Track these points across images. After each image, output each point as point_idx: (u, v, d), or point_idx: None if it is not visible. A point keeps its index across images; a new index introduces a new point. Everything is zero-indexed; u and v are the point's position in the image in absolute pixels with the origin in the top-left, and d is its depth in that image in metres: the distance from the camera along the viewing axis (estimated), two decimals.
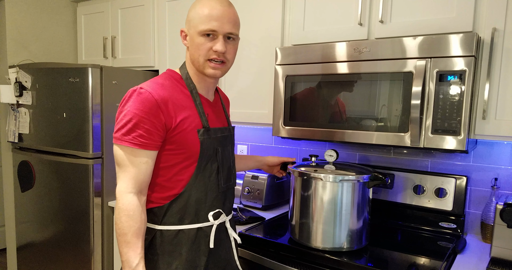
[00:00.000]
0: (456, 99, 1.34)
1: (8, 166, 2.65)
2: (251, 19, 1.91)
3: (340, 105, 1.57)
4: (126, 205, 1.09)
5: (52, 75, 2.19)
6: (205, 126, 1.19)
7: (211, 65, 1.17)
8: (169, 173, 1.17)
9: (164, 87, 1.15)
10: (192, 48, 1.17)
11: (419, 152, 1.81)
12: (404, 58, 1.41)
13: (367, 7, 1.58)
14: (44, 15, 2.70)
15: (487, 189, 1.66)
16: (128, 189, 1.10)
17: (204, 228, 1.21)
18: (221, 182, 1.24)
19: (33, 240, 2.44)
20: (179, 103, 1.15)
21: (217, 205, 1.24)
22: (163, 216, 1.17)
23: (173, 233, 1.17)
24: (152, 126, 1.09)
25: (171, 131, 1.13)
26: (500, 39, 1.34)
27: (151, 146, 1.11)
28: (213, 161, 1.22)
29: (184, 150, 1.15)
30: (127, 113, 1.10)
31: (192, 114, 1.18)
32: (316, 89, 1.62)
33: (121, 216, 1.09)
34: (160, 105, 1.10)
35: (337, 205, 1.40)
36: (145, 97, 1.09)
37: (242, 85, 1.97)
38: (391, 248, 1.49)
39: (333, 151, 1.51)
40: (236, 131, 2.41)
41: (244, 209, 1.91)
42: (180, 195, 1.17)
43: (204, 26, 1.13)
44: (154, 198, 1.18)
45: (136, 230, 1.09)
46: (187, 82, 1.21)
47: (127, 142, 1.09)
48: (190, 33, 1.17)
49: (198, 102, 1.20)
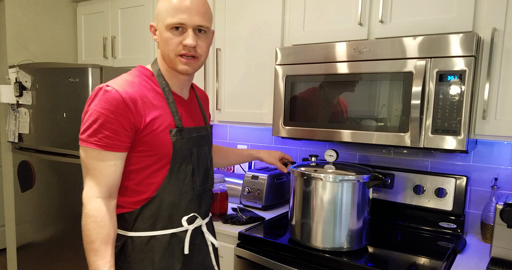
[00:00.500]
0: (456, 99, 1.34)
1: (8, 166, 2.65)
2: (251, 19, 1.91)
3: (340, 105, 1.57)
4: (94, 211, 1.02)
5: (52, 75, 2.19)
6: (178, 125, 1.13)
7: (182, 61, 1.10)
8: (140, 176, 1.10)
9: (133, 84, 1.08)
10: (161, 43, 1.11)
11: (419, 152, 1.80)
12: (404, 58, 1.41)
13: (367, 7, 1.58)
14: (44, 15, 2.70)
15: (487, 189, 1.66)
16: (95, 193, 1.04)
17: (179, 234, 1.15)
18: (196, 185, 1.18)
19: (33, 240, 2.44)
20: (149, 102, 1.09)
21: (192, 209, 1.18)
22: (134, 221, 1.11)
23: (144, 240, 1.11)
24: (120, 126, 1.03)
25: (140, 131, 1.07)
26: (500, 39, 1.34)
27: (119, 148, 1.05)
28: (187, 163, 1.15)
29: (155, 152, 1.09)
30: (93, 112, 1.03)
31: (164, 113, 1.11)
32: (316, 89, 1.62)
33: (88, 223, 1.02)
34: (128, 104, 1.04)
35: (337, 205, 1.40)
36: (111, 96, 1.03)
37: (242, 85, 1.97)
38: (391, 248, 1.49)
39: (333, 151, 1.51)
40: (236, 131, 2.41)
41: (244, 209, 1.91)
42: (152, 200, 1.11)
43: (171, 19, 1.06)
44: (124, 203, 1.11)
45: (104, 237, 1.03)
46: (158, 79, 1.15)
47: (92, 143, 1.03)
48: (159, 27, 1.11)
49: (171, 100, 1.14)
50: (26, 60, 2.61)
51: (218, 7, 2.02)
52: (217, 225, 1.73)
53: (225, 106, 2.04)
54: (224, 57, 2.02)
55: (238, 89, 1.99)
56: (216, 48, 2.03)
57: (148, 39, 2.34)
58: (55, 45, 2.79)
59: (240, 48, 1.96)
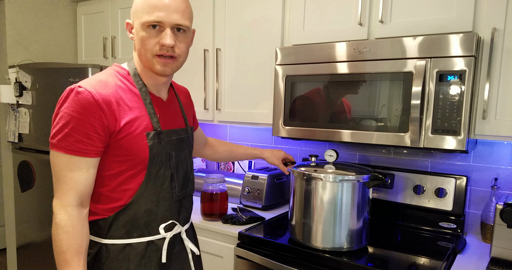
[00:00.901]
0: (456, 99, 1.34)
1: (8, 166, 2.65)
2: (251, 19, 1.91)
3: (340, 105, 1.57)
4: (64, 221, 0.97)
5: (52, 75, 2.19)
6: (156, 128, 1.06)
7: (160, 61, 1.03)
8: (114, 182, 1.04)
9: (107, 85, 1.01)
10: (137, 42, 1.04)
11: (419, 152, 1.80)
12: (404, 58, 1.41)
13: (367, 7, 1.58)
14: (44, 15, 2.70)
15: (487, 189, 1.66)
16: (66, 202, 0.98)
17: (156, 241, 1.10)
18: (175, 190, 1.13)
19: (33, 240, 2.44)
20: (124, 103, 1.02)
21: (170, 216, 1.13)
22: (108, 229, 1.05)
23: (119, 248, 1.05)
24: (92, 130, 0.97)
25: (115, 135, 1.00)
26: (500, 39, 1.34)
27: (91, 153, 0.98)
28: (166, 168, 1.09)
29: (131, 157, 1.03)
30: (63, 115, 0.97)
31: (141, 115, 1.05)
32: (316, 89, 1.62)
33: (59, 233, 0.97)
34: (101, 106, 0.97)
35: (337, 205, 1.40)
36: (83, 97, 0.96)
37: (242, 85, 1.97)
38: (391, 248, 1.49)
39: (333, 151, 1.51)
40: (236, 131, 2.41)
41: (244, 209, 1.91)
42: (128, 207, 1.05)
43: (147, 17, 0.99)
44: (98, 210, 1.05)
45: (76, 247, 0.98)
46: (135, 79, 1.08)
47: (63, 149, 0.96)
48: (135, 25, 1.04)
49: (148, 102, 1.07)
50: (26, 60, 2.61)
51: (218, 7, 2.02)
52: (217, 225, 1.73)
53: (225, 106, 2.04)
54: (224, 57, 2.02)
55: (238, 89, 1.99)
56: (216, 48, 2.03)
57: None
58: (55, 45, 2.79)
59: (240, 48, 1.96)
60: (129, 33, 1.08)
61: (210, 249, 1.74)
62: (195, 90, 2.15)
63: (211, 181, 1.79)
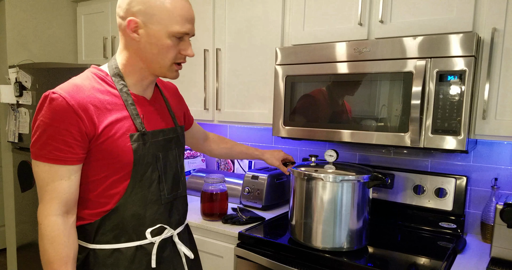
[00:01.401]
0: (456, 99, 1.34)
1: (8, 166, 2.65)
2: (251, 19, 1.91)
3: (340, 105, 1.57)
4: (49, 231, 0.95)
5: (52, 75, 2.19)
6: (140, 129, 1.03)
7: (176, 68, 1.05)
8: (100, 187, 1.02)
9: (82, 89, 0.98)
10: (155, 47, 1.01)
11: (419, 152, 1.81)
12: (404, 58, 1.41)
13: (367, 7, 1.58)
14: (44, 15, 2.70)
15: (487, 189, 1.66)
16: (51, 211, 0.96)
17: (145, 246, 1.07)
18: (164, 193, 1.09)
19: (33, 240, 2.44)
20: (103, 106, 0.99)
21: (160, 219, 1.09)
22: (96, 233, 1.03)
23: (107, 253, 1.03)
24: (71, 137, 0.94)
25: (95, 139, 0.98)
26: (500, 39, 1.34)
27: (71, 160, 0.96)
28: (153, 170, 1.06)
29: (115, 160, 1.00)
30: (40, 124, 0.94)
31: (122, 117, 1.02)
32: (316, 89, 1.62)
33: (44, 243, 0.95)
34: (77, 111, 0.94)
35: (337, 205, 1.40)
36: (58, 104, 0.93)
37: (242, 85, 1.97)
38: (391, 248, 1.49)
39: (333, 151, 1.51)
40: (236, 131, 2.41)
41: (244, 209, 1.91)
42: (113, 211, 1.03)
43: (179, 28, 0.99)
44: (84, 215, 1.03)
45: (63, 257, 0.96)
46: (115, 79, 1.04)
47: (44, 157, 0.94)
48: (154, 29, 0.99)
49: (130, 102, 1.04)
50: (26, 60, 2.61)
51: (218, 7, 2.02)
52: (217, 225, 1.73)
53: (225, 106, 2.04)
54: (224, 57, 2.02)
55: (238, 89, 1.99)
56: (216, 48, 2.03)
57: None
58: (55, 45, 2.79)
59: (240, 48, 1.96)
60: (131, 32, 1.00)
61: (210, 249, 1.74)
62: (195, 90, 2.15)
63: (211, 181, 1.79)
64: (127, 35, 1.02)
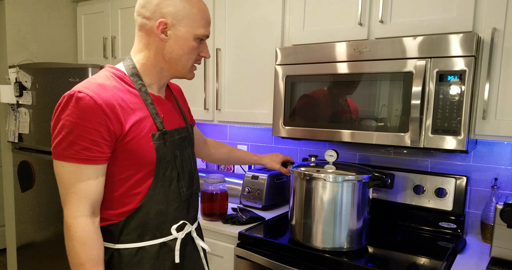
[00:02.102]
0: (456, 99, 1.34)
1: (8, 166, 2.65)
2: (251, 19, 1.91)
3: (340, 105, 1.57)
4: (80, 232, 0.94)
5: (52, 75, 2.19)
6: (160, 129, 1.05)
7: (194, 69, 1.12)
8: (124, 186, 1.02)
9: (106, 88, 0.98)
10: (181, 48, 1.05)
11: (419, 152, 1.81)
12: (404, 58, 1.41)
13: (367, 7, 1.58)
14: (44, 15, 2.70)
15: (487, 189, 1.66)
16: (80, 212, 0.95)
17: (168, 243, 1.09)
18: (183, 190, 1.12)
19: (33, 240, 2.44)
20: (126, 106, 1.00)
21: (180, 216, 1.12)
22: (120, 233, 1.03)
23: (132, 252, 1.04)
24: (99, 136, 0.94)
25: (121, 139, 0.98)
26: (500, 39, 1.34)
27: (100, 160, 0.96)
28: (172, 168, 1.08)
29: (139, 160, 1.01)
30: (66, 123, 0.93)
31: (144, 116, 1.03)
32: (316, 89, 1.62)
33: (75, 245, 0.95)
34: (105, 110, 0.94)
35: (337, 205, 1.40)
36: (85, 103, 0.93)
37: (242, 85, 1.97)
38: (391, 248, 1.49)
39: (333, 151, 1.51)
40: (236, 131, 2.41)
41: (244, 209, 1.91)
42: (138, 210, 1.03)
43: (204, 31, 1.06)
44: (108, 215, 1.03)
45: (95, 258, 0.96)
46: (133, 79, 1.05)
47: (70, 158, 0.93)
48: (182, 30, 1.03)
49: (150, 102, 1.05)
50: (26, 60, 2.61)
51: (218, 7, 2.02)
52: (217, 225, 1.73)
53: (225, 106, 2.04)
54: (224, 57, 2.02)
55: (238, 89, 1.99)
56: (216, 48, 2.03)
57: None
58: (55, 45, 2.79)
59: (240, 48, 1.96)
60: (160, 33, 1.03)
61: (210, 249, 1.74)
62: (195, 90, 2.15)
63: (211, 181, 1.80)
64: (152, 35, 1.04)
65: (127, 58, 1.09)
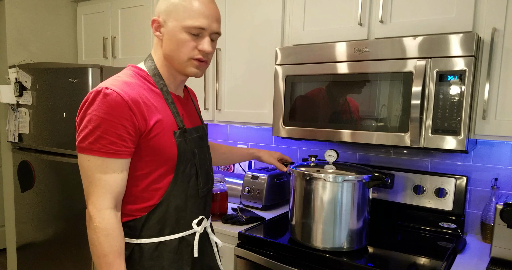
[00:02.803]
0: (456, 99, 1.34)
1: (8, 166, 2.65)
2: (251, 19, 1.91)
3: (340, 105, 1.57)
4: (105, 224, 0.97)
5: (52, 75, 2.19)
6: (181, 127, 1.09)
7: (195, 64, 1.06)
8: (145, 182, 1.05)
9: (132, 86, 1.02)
10: (172, 43, 1.04)
11: (419, 152, 1.80)
12: (404, 58, 1.41)
13: (367, 7, 1.58)
14: (44, 15, 2.70)
15: (487, 189, 1.66)
16: (104, 204, 0.97)
17: (187, 237, 1.13)
18: (200, 187, 1.15)
19: (33, 240, 2.44)
20: (150, 104, 1.03)
21: (198, 212, 1.16)
22: (141, 229, 1.06)
23: (153, 246, 1.07)
24: (125, 131, 0.97)
25: (145, 135, 1.01)
26: (500, 39, 1.34)
27: (125, 154, 0.99)
28: (191, 165, 1.12)
29: (161, 156, 1.04)
30: (93, 118, 0.96)
31: (166, 114, 1.07)
32: (316, 89, 1.62)
33: (99, 236, 0.97)
34: (131, 107, 0.97)
35: (337, 205, 1.40)
36: (112, 99, 0.96)
37: (242, 85, 1.97)
38: (391, 248, 1.49)
39: (333, 151, 1.51)
40: (236, 131, 2.41)
41: (244, 209, 1.91)
42: (159, 205, 1.06)
43: (192, 22, 1.01)
44: (129, 211, 1.06)
45: (117, 249, 0.98)
46: (155, 78, 1.09)
47: (97, 151, 0.96)
48: (170, 25, 1.03)
49: (170, 101, 1.09)
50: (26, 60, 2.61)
51: (218, 7, 2.02)
52: (217, 225, 1.73)
53: (225, 106, 2.04)
54: (224, 57, 2.02)
55: (238, 89, 1.99)
56: (216, 48, 2.03)
57: (148, 39, 2.34)
58: (55, 45, 2.79)
59: (240, 48, 1.96)
60: (155, 31, 1.07)
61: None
62: (195, 90, 2.15)
63: None
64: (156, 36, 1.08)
65: (148, 59, 1.12)
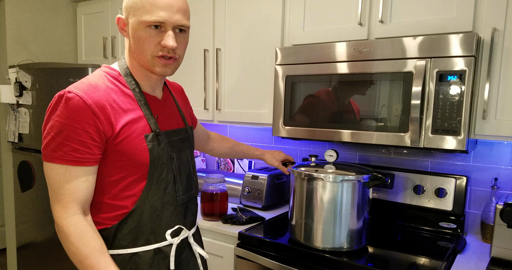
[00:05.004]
0: (456, 99, 1.34)
1: (8, 166, 2.65)
2: (252, 19, 1.91)
3: (341, 105, 1.57)
4: (74, 229, 0.92)
5: (52, 75, 2.19)
6: (154, 130, 1.02)
7: (161, 63, 0.99)
8: (115, 189, 0.99)
9: (97, 88, 0.96)
10: (135, 41, 0.98)
11: (419, 152, 1.80)
12: (404, 58, 1.41)
13: (367, 7, 1.58)
14: (44, 15, 2.70)
15: (487, 189, 1.66)
16: (70, 212, 0.93)
17: (163, 249, 1.05)
18: (179, 194, 1.08)
19: (33, 240, 2.44)
20: (118, 106, 0.97)
21: (176, 221, 1.08)
22: (113, 239, 1.00)
23: (126, 258, 1.00)
24: (88, 137, 0.92)
25: (112, 140, 0.95)
26: (500, 39, 1.34)
27: (89, 161, 0.94)
28: (168, 170, 1.05)
29: (131, 161, 0.98)
30: (55, 124, 0.91)
31: (137, 117, 1.00)
32: (316, 89, 1.62)
33: (73, 242, 0.92)
34: (94, 111, 0.92)
35: (337, 205, 1.40)
36: (74, 103, 0.91)
37: (242, 85, 1.97)
38: (391, 248, 1.49)
39: (333, 151, 1.51)
40: (236, 131, 2.41)
41: (244, 209, 1.91)
42: (131, 214, 1.00)
43: (148, 16, 0.94)
44: (100, 219, 1.00)
45: (97, 247, 0.93)
46: (127, 79, 1.02)
47: (59, 159, 0.91)
48: (131, 22, 0.97)
49: (143, 102, 1.02)
50: (26, 60, 2.61)
51: (218, 7, 2.02)
52: (217, 225, 1.73)
53: (225, 106, 2.04)
54: (224, 57, 2.02)
55: (238, 89, 1.99)
56: (216, 48, 2.03)
57: None
58: (55, 45, 2.79)
59: (240, 48, 1.96)
60: (121, 29, 1.02)
61: (210, 249, 1.74)
62: (195, 90, 2.15)
63: (211, 181, 1.80)
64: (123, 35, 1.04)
65: (121, 58, 1.07)
